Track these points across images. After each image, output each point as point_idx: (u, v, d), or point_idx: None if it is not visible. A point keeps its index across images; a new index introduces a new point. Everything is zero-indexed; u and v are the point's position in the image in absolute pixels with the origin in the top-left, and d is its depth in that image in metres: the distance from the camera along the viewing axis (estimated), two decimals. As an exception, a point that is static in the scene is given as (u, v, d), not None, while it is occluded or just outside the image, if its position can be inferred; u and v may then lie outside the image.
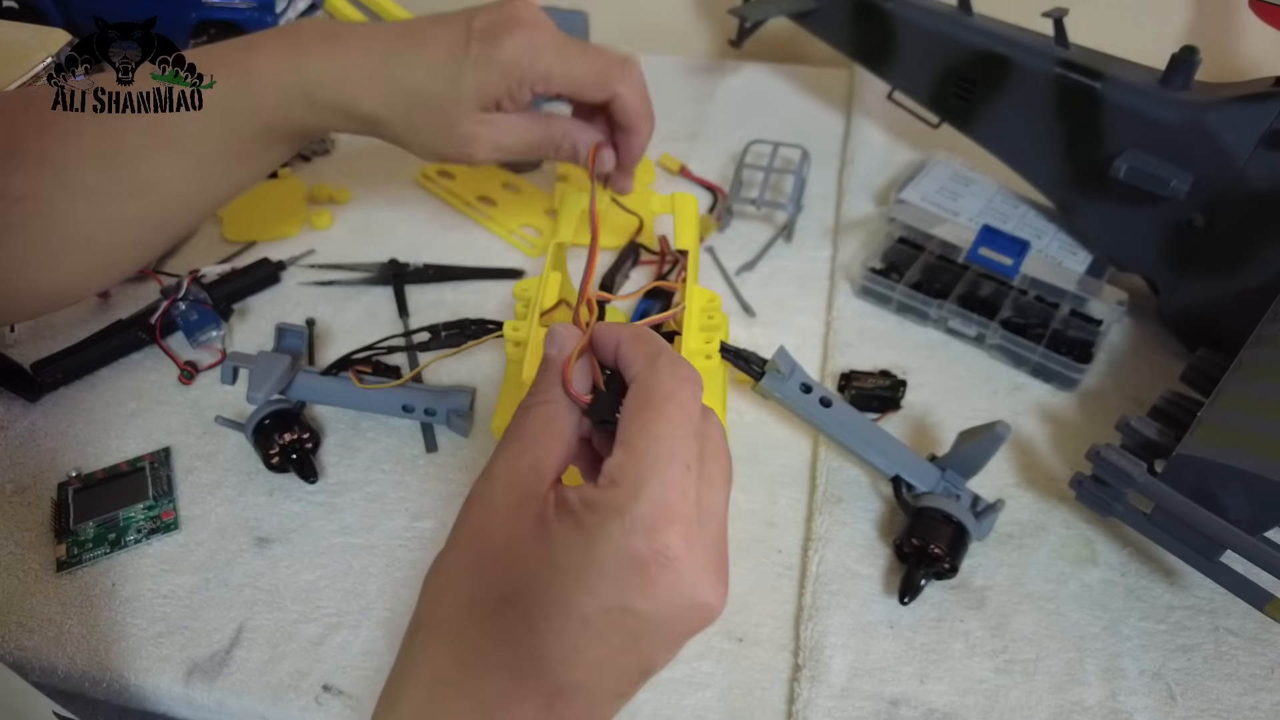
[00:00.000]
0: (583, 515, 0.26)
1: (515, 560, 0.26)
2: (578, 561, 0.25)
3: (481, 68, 0.39)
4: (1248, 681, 0.41)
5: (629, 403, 0.28)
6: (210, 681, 0.41)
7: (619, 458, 0.26)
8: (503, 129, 0.42)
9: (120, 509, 0.48)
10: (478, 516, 0.27)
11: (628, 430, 0.27)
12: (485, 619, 0.26)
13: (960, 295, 0.56)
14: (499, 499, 0.27)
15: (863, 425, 0.46)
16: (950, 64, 0.59)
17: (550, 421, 0.29)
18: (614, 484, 0.26)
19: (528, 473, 0.28)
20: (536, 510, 0.27)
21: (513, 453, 0.28)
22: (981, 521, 0.44)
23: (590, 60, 0.41)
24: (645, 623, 0.25)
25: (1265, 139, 0.46)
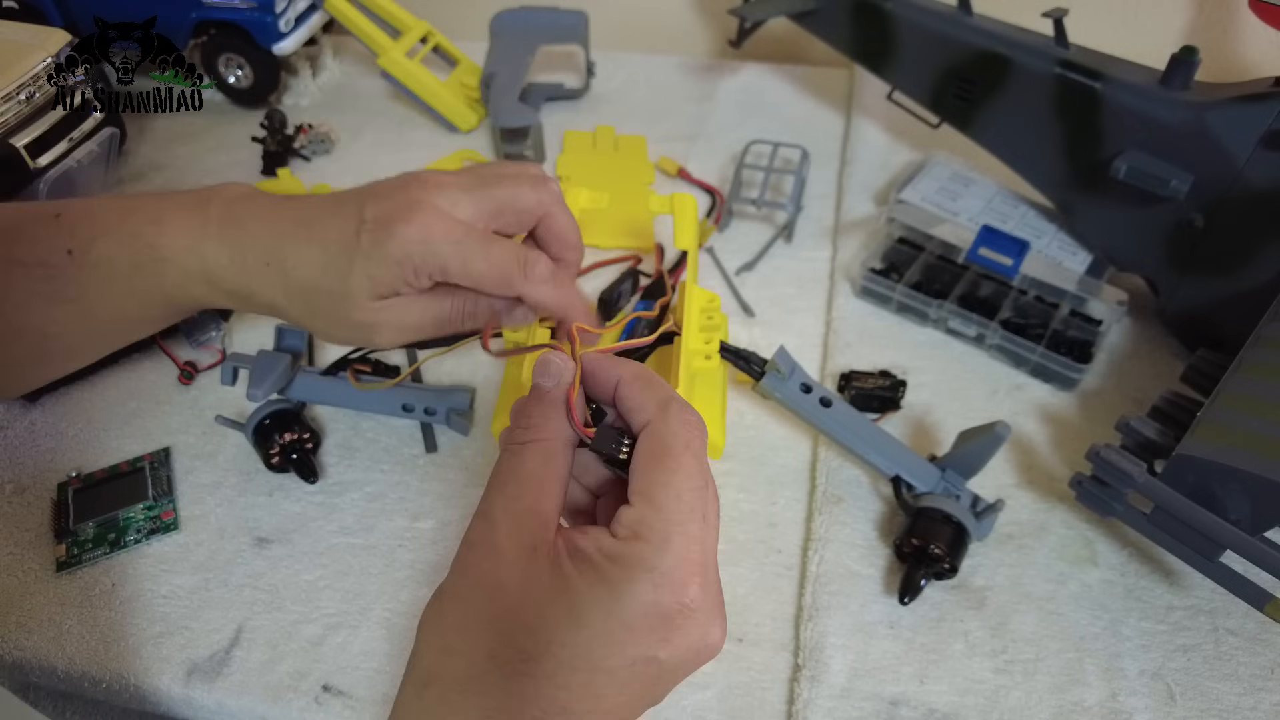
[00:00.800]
0: (606, 569, 0.26)
1: (535, 614, 0.26)
2: (603, 615, 0.25)
3: (371, 261, 0.36)
4: (1247, 681, 0.41)
5: (645, 451, 0.28)
6: (210, 682, 0.41)
7: (641, 511, 0.27)
8: (404, 312, 0.38)
9: (120, 509, 0.48)
10: (484, 565, 0.27)
11: (647, 482, 0.27)
12: (510, 677, 0.25)
13: (960, 295, 0.56)
14: (504, 546, 0.27)
15: (862, 425, 0.46)
16: (950, 64, 0.59)
17: (549, 460, 0.28)
18: (638, 538, 0.26)
19: (530, 517, 0.27)
20: (548, 559, 0.27)
21: (511, 495, 0.28)
22: (981, 521, 0.44)
23: (491, 258, 0.36)
24: (664, 669, 0.26)
25: (1265, 139, 0.46)
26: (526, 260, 0.36)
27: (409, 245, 0.35)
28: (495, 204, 0.37)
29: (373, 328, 0.38)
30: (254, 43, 0.73)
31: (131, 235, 0.39)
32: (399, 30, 0.76)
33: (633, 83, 0.81)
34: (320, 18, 0.77)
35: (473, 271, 0.36)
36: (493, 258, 0.36)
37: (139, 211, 0.40)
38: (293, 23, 0.74)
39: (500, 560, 0.27)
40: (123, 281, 0.39)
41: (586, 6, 0.77)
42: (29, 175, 0.60)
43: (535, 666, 0.25)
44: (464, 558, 0.28)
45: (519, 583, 0.26)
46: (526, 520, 0.27)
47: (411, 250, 0.35)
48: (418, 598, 0.44)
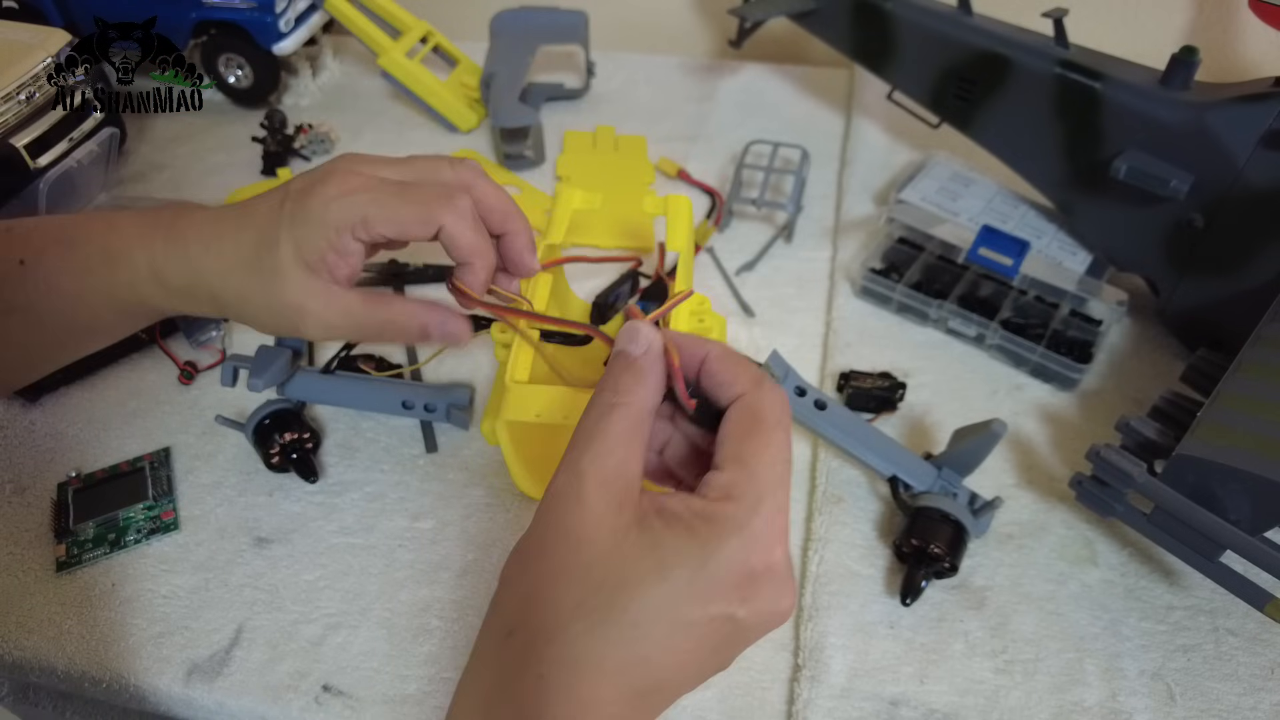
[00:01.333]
0: (697, 526, 0.27)
1: (623, 566, 0.27)
2: (691, 569, 0.26)
3: (296, 225, 0.37)
4: (1247, 682, 0.41)
5: (738, 421, 0.29)
6: (210, 682, 0.41)
7: (734, 475, 0.28)
8: (333, 306, 0.39)
9: (120, 509, 0.48)
10: (571, 518, 0.27)
11: (740, 449, 0.28)
12: (595, 626, 0.26)
13: (960, 295, 0.56)
14: (591, 500, 0.27)
15: (858, 426, 0.46)
16: (950, 64, 0.59)
17: (636, 424, 0.29)
18: (730, 499, 0.27)
19: (617, 475, 0.28)
20: (634, 515, 0.27)
21: (598, 452, 0.28)
22: (979, 519, 0.44)
23: (408, 200, 0.37)
24: (739, 628, 0.27)
25: (1265, 139, 0.46)
26: (449, 193, 0.38)
27: (327, 201, 0.37)
28: (415, 173, 0.39)
29: (301, 313, 0.39)
30: (254, 43, 0.74)
31: (83, 240, 0.40)
32: (399, 30, 0.76)
33: (633, 83, 0.81)
34: (320, 18, 0.77)
35: (393, 215, 0.37)
36: (409, 202, 0.37)
37: (92, 220, 0.41)
38: (293, 23, 0.74)
39: (587, 514, 0.27)
40: (73, 286, 0.40)
41: (586, 6, 0.77)
42: (29, 175, 0.60)
43: (621, 615, 0.26)
44: (549, 510, 0.28)
45: (606, 536, 0.27)
46: (613, 478, 0.28)
47: (330, 205, 0.37)
48: (418, 597, 0.44)
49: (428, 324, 0.40)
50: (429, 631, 0.43)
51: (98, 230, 0.41)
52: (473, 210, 0.38)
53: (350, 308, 0.39)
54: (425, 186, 0.38)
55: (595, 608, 0.26)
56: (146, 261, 0.40)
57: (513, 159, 0.71)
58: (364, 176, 0.38)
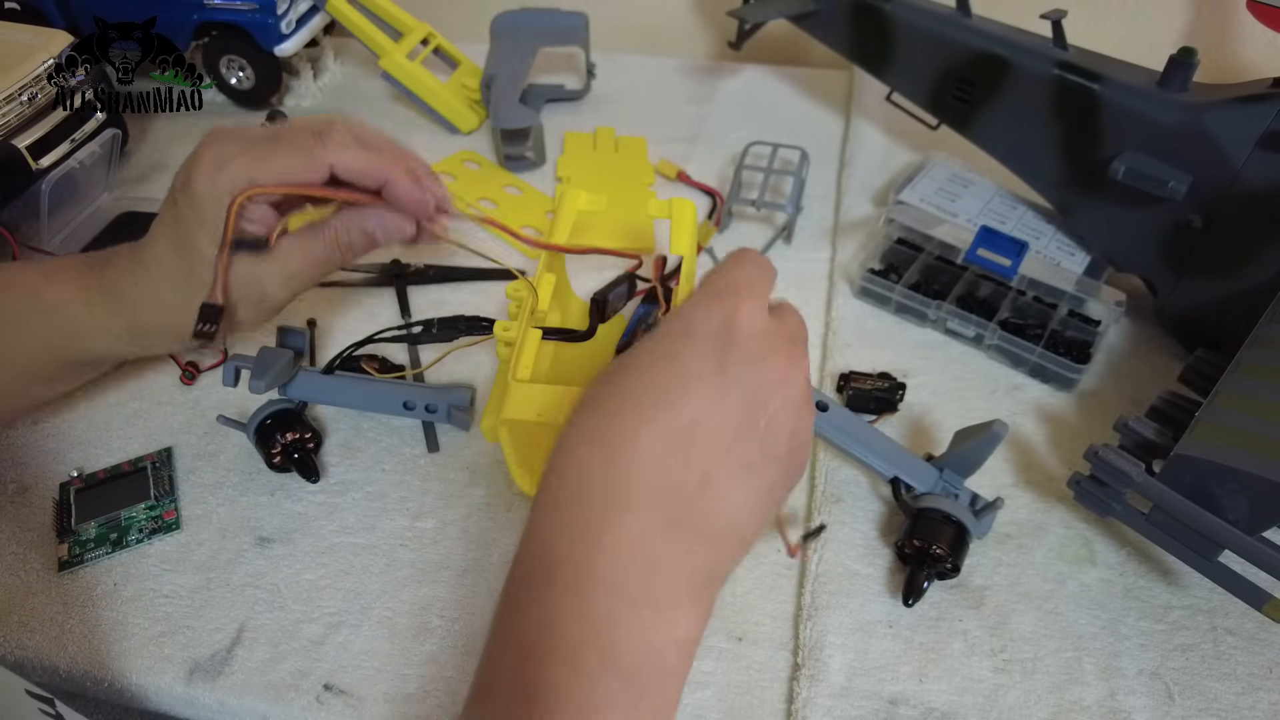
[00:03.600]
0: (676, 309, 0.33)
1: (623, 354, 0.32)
2: (670, 321, 0.32)
3: (195, 213, 0.38)
4: (1246, 681, 0.41)
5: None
6: (212, 681, 0.42)
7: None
8: (273, 266, 0.40)
9: (122, 509, 0.48)
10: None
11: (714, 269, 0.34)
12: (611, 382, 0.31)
13: (959, 296, 0.56)
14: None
15: (859, 428, 0.46)
16: (949, 66, 0.60)
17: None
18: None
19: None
20: None
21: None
22: (981, 520, 0.44)
23: (286, 150, 0.38)
24: (735, 358, 0.30)
25: (1263, 140, 0.46)
26: (319, 132, 0.39)
27: (205, 174, 0.38)
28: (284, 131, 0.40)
29: (247, 286, 0.40)
30: (255, 44, 0.74)
31: (17, 287, 0.42)
32: (400, 32, 0.76)
33: (633, 84, 0.81)
34: (321, 19, 0.77)
35: (274, 166, 0.38)
36: (285, 148, 0.38)
37: (28, 270, 0.43)
38: (294, 24, 0.75)
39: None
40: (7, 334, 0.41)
41: (587, 8, 0.77)
42: (31, 176, 0.60)
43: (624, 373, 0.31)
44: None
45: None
46: None
47: (210, 177, 0.38)
48: (419, 597, 0.45)
49: (369, 229, 0.42)
50: (430, 631, 0.43)
51: (34, 280, 0.41)
52: (349, 136, 0.39)
53: (299, 255, 0.40)
54: (296, 133, 0.39)
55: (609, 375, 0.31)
56: (85, 313, 0.40)
57: (513, 160, 0.71)
58: (236, 141, 0.38)
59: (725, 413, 0.30)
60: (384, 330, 0.56)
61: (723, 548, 0.31)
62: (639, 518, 0.28)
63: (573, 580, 0.28)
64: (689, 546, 0.29)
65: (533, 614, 0.28)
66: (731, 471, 0.30)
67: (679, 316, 0.32)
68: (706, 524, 0.30)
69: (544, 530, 0.30)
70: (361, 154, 0.39)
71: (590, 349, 0.54)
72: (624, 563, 0.28)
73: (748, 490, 0.31)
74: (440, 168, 0.71)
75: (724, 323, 0.31)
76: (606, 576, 0.28)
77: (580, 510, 0.29)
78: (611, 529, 0.28)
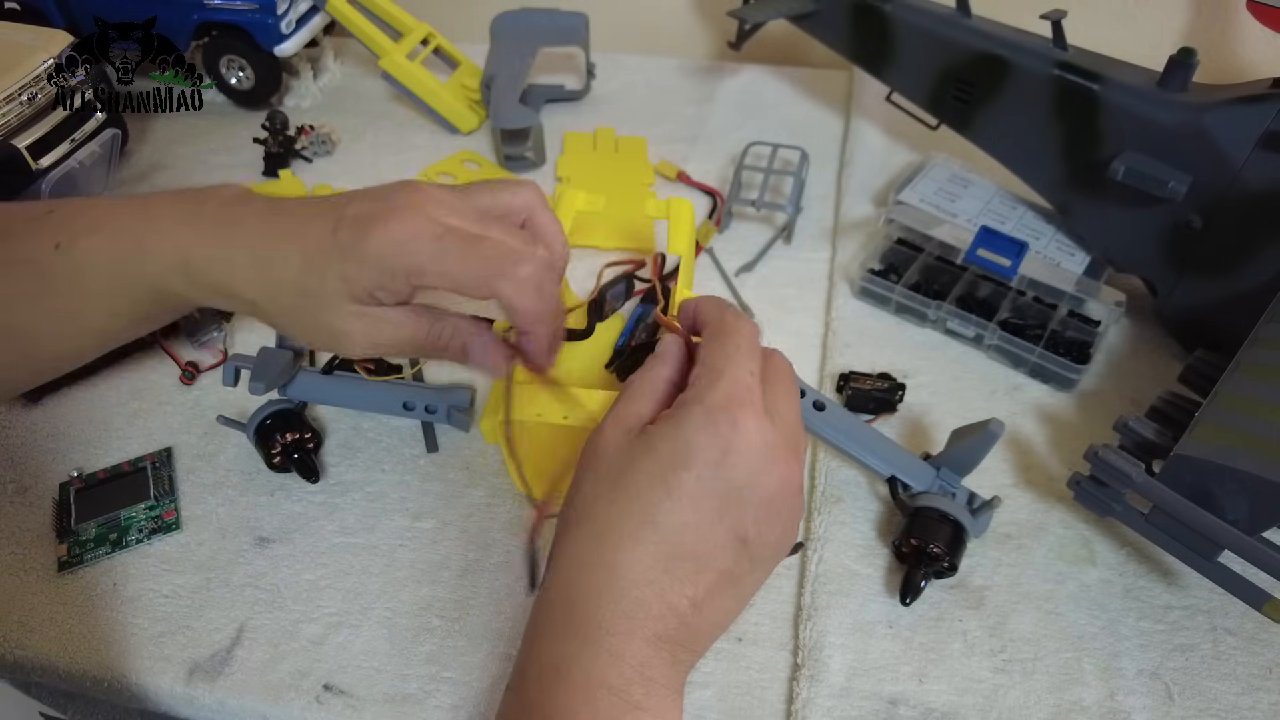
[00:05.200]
0: (673, 413, 0.33)
1: (625, 459, 0.33)
2: (670, 443, 0.32)
3: (347, 260, 0.36)
4: (1245, 681, 0.41)
5: (706, 336, 0.35)
6: (211, 681, 0.42)
7: (698, 371, 0.33)
8: (379, 326, 0.38)
9: (122, 509, 0.48)
10: (593, 447, 0.34)
11: (704, 351, 0.34)
12: (609, 503, 0.32)
13: (959, 296, 0.56)
14: (607, 432, 0.34)
15: (857, 428, 0.46)
16: (949, 66, 0.60)
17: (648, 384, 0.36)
18: (693, 385, 0.33)
19: (630, 414, 0.34)
20: (639, 434, 0.33)
21: (620, 405, 0.35)
22: (978, 518, 0.44)
23: (470, 258, 0.36)
24: (732, 486, 0.31)
25: (1263, 140, 0.46)
26: (514, 258, 0.36)
27: (385, 244, 0.35)
28: (481, 204, 0.38)
29: (345, 336, 0.38)
30: (256, 44, 0.74)
31: (120, 230, 0.40)
32: (400, 32, 0.76)
33: (632, 84, 0.81)
34: (321, 19, 0.77)
35: (449, 271, 0.36)
36: (470, 259, 0.36)
37: (130, 208, 0.40)
38: (294, 24, 0.75)
39: (603, 442, 0.34)
40: (106, 276, 0.40)
41: (586, 8, 0.77)
42: (31, 176, 0.60)
43: (626, 489, 0.32)
44: (582, 452, 0.35)
45: (614, 449, 0.33)
46: (625, 417, 0.34)
47: (388, 249, 0.36)
48: (418, 597, 0.45)
49: (470, 346, 0.40)
50: (430, 631, 0.43)
51: (136, 223, 0.40)
52: (536, 278, 0.36)
53: (398, 328, 0.38)
54: (490, 246, 0.36)
55: (606, 491, 0.32)
56: (180, 259, 0.39)
57: (513, 160, 0.71)
58: (429, 221, 0.36)
59: (719, 537, 0.32)
60: (384, 330, 0.55)
61: (705, 645, 0.33)
62: (638, 640, 0.31)
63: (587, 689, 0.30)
64: (676, 656, 0.32)
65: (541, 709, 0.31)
66: (718, 588, 0.32)
67: (678, 436, 0.32)
68: (693, 638, 0.32)
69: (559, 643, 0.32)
70: (533, 306, 0.37)
71: (589, 348, 0.54)
72: (627, 678, 0.30)
73: (732, 598, 0.33)
74: (440, 168, 0.71)
75: (723, 446, 0.31)
76: (614, 686, 0.30)
77: (593, 630, 0.31)
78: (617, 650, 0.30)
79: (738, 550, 0.32)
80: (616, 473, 0.32)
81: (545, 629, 0.32)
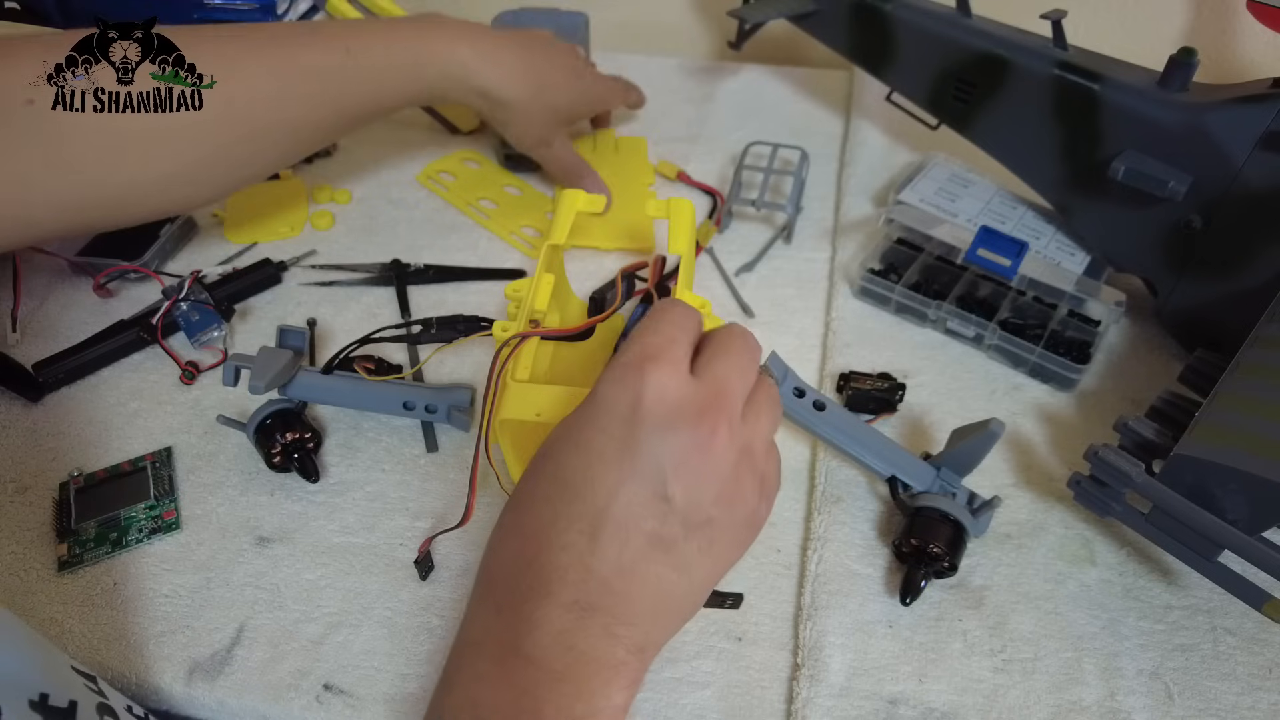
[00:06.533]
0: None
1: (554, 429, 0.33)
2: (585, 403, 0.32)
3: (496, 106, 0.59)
4: (1245, 681, 0.41)
5: (712, 337, 0.35)
6: (211, 681, 0.42)
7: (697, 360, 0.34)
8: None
9: (122, 509, 0.48)
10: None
11: (707, 344, 0.35)
12: (530, 473, 0.32)
13: (959, 296, 0.56)
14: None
15: (857, 428, 0.46)
16: (949, 66, 0.60)
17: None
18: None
19: None
20: None
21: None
22: (979, 518, 0.44)
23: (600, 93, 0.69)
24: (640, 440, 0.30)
25: (1263, 140, 0.46)
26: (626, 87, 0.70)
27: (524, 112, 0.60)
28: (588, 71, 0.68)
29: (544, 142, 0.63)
30: (255, 44, 0.73)
31: (398, 42, 0.54)
32: (400, 31, 0.76)
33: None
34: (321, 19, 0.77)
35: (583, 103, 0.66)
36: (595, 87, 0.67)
37: (403, 26, 0.56)
38: (294, 24, 0.74)
39: None
40: (383, 79, 0.54)
41: (587, 8, 0.77)
42: (31, 176, 0.60)
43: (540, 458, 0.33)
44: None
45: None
46: None
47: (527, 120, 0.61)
48: (418, 596, 0.45)
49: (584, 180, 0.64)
50: (430, 630, 0.43)
51: (412, 39, 0.54)
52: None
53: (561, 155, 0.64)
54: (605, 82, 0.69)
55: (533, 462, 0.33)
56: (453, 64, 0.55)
57: (513, 160, 0.71)
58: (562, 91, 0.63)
59: (631, 494, 0.30)
60: (383, 329, 0.56)
61: (651, 622, 0.31)
62: (554, 606, 0.30)
63: (501, 658, 0.30)
64: (608, 628, 0.30)
65: (467, 689, 0.30)
66: (645, 552, 0.31)
67: (592, 395, 0.32)
68: (624, 606, 0.30)
69: (478, 615, 0.32)
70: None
71: (589, 348, 0.54)
72: (544, 645, 0.29)
73: (667, 565, 0.31)
74: (440, 167, 0.71)
75: (631, 399, 0.31)
76: (530, 655, 0.29)
77: (507, 597, 0.31)
78: (531, 615, 0.30)
79: (662, 510, 0.31)
80: (542, 449, 0.33)
81: (470, 606, 0.31)
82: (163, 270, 0.61)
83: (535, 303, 0.46)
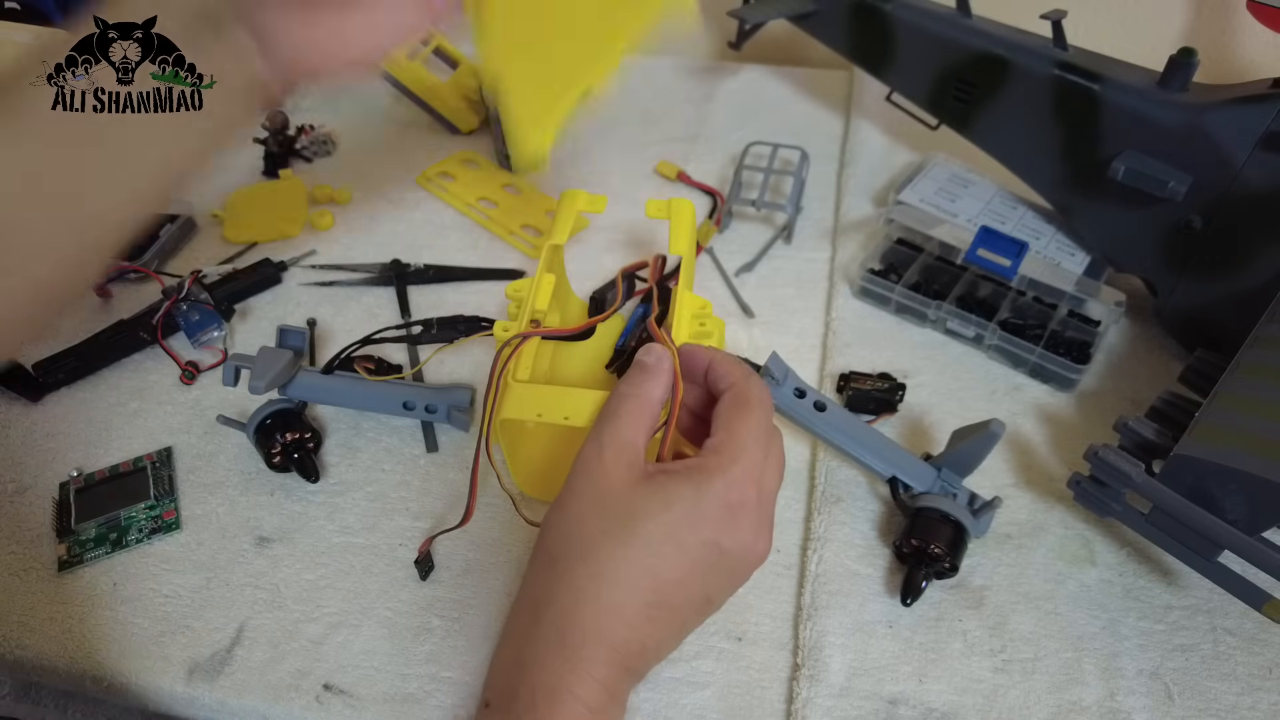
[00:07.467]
0: (693, 473, 0.34)
1: (637, 503, 0.34)
2: (688, 505, 0.34)
3: None
4: (1245, 681, 0.41)
5: (728, 402, 0.37)
6: (211, 681, 0.42)
7: (721, 438, 0.35)
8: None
9: (122, 509, 0.48)
10: (594, 473, 0.35)
11: (728, 419, 0.36)
12: (616, 545, 0.33)
13: (959, 296, 0.56)
14: (608, 461, 0.35)
15: (858, 428, 0.46)
16: (949, 66, 0.59)
17: (643, 409, 0.37)
18: (717, 454, 0.35)
19: (627, 444, 0.36)
20: (641, 474, 0.35)
21: (615, 428, 0.36)
22: (979, 519, 0.44)
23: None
24: (724, 555, 0.34)
25: (1263, 140, 0.46)
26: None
27: None
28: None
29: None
30: (255, 44, 0.74)
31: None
32: (400, 31, 0.76)
33: (632, 84, 0.81)
34: (321, 19, 0.77)
35: None
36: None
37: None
38: (294, 24, 0.74)
39: (605, 470, 0.35)
40: None
41: (587, 8, 0.77)
42: (31, 176, 0.60)
43: (635, 537, 0.33)
44: (579, 470, 0.36)
45: (621, 484, 0.35)
46: (625, 446, 0.35)
47: None
48: (419, 597, 0.45)
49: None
50: (430, 631, 0.43)
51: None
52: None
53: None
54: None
55: (617, 532, 0.34)
56: None
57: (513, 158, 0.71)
58: None
59: (695, 595, 0.35)
60: (383, 330, 0.56)
61: (646, 668, 0.36)
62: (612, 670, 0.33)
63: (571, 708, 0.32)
64: (632, 680, 0.34)
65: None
66: (676, 633, 0.35)
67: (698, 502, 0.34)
68: (645, 668, 0.35)
69: (535, 665, 0.34)
70: None
71: (590, 348, 0.54)
72: (599, 697, 0.33)
73: (677, 639, 0.36)
74: (440, 168, 0.71)
75: (729, 522, 0.34)
76: (589, 704, 0.32)
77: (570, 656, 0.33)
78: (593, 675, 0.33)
79: (702, 607, 0.35)
80: (628, 516, 0.34)
81: (540, 653, 0.33)
82: (163, 270, 0.61)
83: (536, 302, 0.46)
